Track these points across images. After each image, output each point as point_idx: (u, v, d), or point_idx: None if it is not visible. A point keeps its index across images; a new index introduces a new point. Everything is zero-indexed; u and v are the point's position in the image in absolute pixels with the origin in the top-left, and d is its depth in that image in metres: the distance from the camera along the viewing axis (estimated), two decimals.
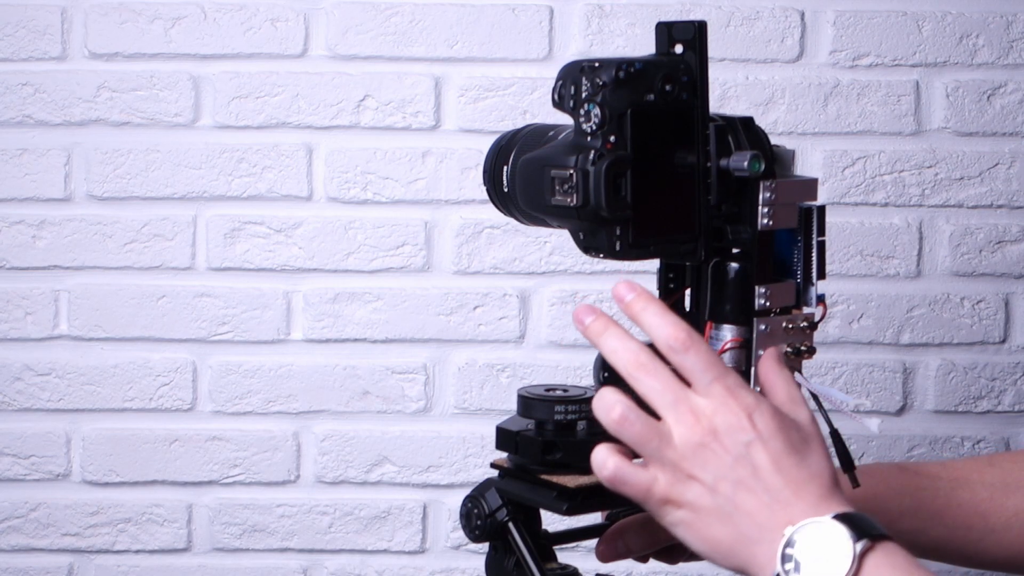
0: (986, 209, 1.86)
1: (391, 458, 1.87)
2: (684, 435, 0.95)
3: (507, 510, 1.08)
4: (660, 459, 0.96)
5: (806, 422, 0.99)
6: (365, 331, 1.86)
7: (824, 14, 1.83)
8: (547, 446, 1.05)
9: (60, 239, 1.84)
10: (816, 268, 1.06)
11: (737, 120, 1.04)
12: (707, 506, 0.95)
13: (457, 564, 1.88)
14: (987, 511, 1.19)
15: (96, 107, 1.83)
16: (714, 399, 0.96)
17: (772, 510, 0.94)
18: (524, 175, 1.05)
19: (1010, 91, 1.84)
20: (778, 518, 0.93)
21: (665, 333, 0.98)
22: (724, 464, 0.95)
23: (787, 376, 1.02)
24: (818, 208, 1.05)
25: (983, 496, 1.19)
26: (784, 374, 1.02)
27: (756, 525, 0.94)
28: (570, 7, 1.83)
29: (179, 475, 1.87)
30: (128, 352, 1.86)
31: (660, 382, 0.97)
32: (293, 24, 1.83)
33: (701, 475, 0.95)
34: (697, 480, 0.95)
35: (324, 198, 1.85)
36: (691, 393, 0.96)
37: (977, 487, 1.20)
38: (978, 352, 1.87)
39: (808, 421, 0.99)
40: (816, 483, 0.95)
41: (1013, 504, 1.19)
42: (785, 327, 1.05)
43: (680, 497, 0.96)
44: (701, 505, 0.95)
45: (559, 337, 1.86)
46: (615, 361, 0.98)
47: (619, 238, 1.01)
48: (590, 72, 1.00)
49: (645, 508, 0.98)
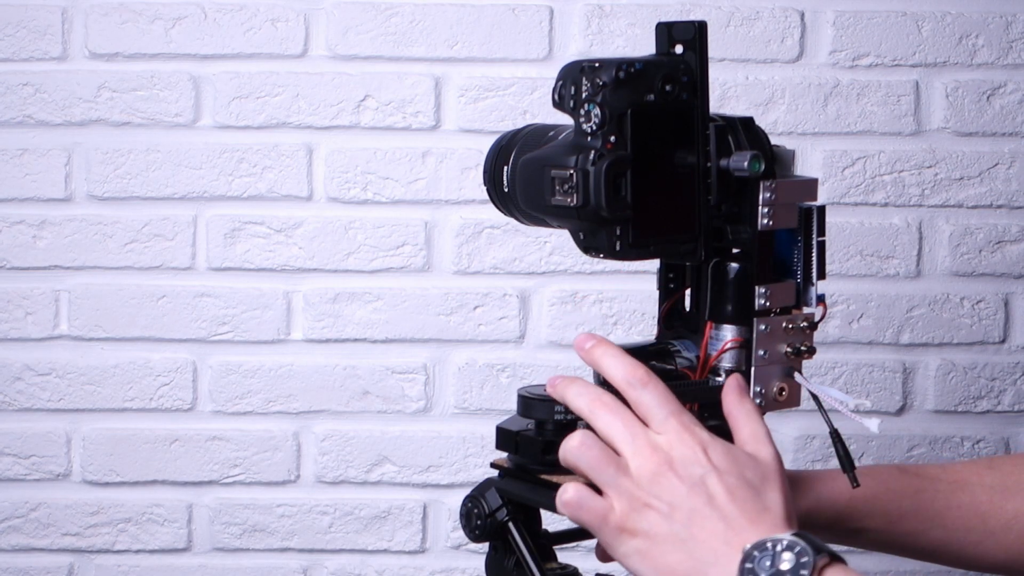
0: (986, 209, 1.86)
1: (391, 458, 1.87)
2: (641, 465, 0.97)
3: (507, 510, 1.09)
4: (616, 487, 0.97)
5: (767, 460, 1.00)
6: (365, 331, 1.86)
7: (824, 14, 1.84)
8: (547, 446, 1.05)
9: (60, 239, 1.84)
10: (816, 268, 1.06)
11: (737, 120, 1.04)
12: (662, 533, 0.96)
13: (457, 564, 1.88)
14: (987, 513, 1.19)
15: (96, 107, 1.83)
16: (670, 433, 0.98)
17: (727, 536, 0.95)
18: (524, 175, 1.05)
19: (1010, 91, 1.84)
20: (734, 543, 0.94)
21: (624, 372, 1.00)
22: (679, 493, 0.96)
23: (750, 410, 1.02)
24: (818, 208, 1.05)
25: (983, 499, 1.19)
26: (746, 407, 1.02)
27: (711, 550, 0.95)
28: (570, 7, 1.83)
29: (179, 475, 1.87)
30: (128, 352, 1.86)
31: (619, 419, 0.99)
32: (293, 24, 1.83)
33: (656, 503, 0.96)
34: (652, 508, 0.96)
35: (324, 198, 1.85)
36: (648, 430, 0.98)
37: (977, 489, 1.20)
38: (978, 352, 1.87)
39: (770, 459, 1.00)
40: (772, 515, 0.96)
41: (1013, 507, 1.19)
42: (785, 327, 1.06)
43: (635, 525, 0.97)
44: (656, 533, 0.96)
45: (559, 337, 1.86)
46: (578, 405, 1.01)
47: (619, 238, 1.01)
48: (590, 72, 1.00)
49: (600, 538, 0.99)
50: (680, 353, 1.08)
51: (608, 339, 1.03)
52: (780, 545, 0.92)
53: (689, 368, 1.07)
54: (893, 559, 1.88)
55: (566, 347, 1.86)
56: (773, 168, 1.05)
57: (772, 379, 1.06)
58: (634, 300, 1.86)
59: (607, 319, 1.86)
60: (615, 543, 0.98)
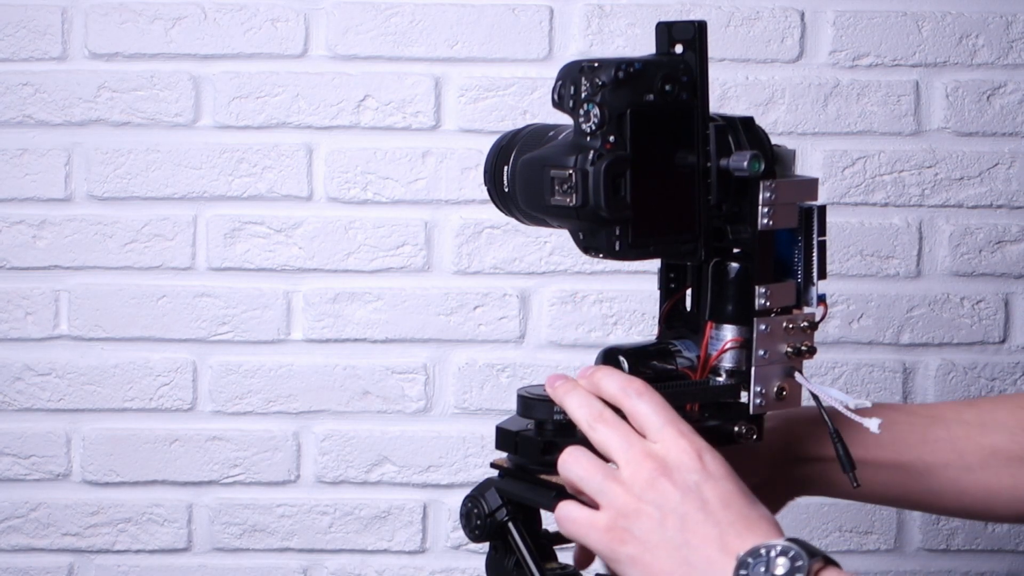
0: (986, 209, 1.86)
1: (391, 458, 1.87)
2: (634, 472, 0.97)
3: (507, 510, 1.08)
4: (606, 494, 0.97)
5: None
6: (365, 331, 1.86)
7: (824, 14, 1.83)
8: (546, 446, 1.05)
9: (60, 239, 1.84)
10: (817, 268, 1.06)
11: (737, 120, 1.04)
12: (655, 540, 0.95)
13: (457, 564, 1.88)
14: (964, 449, 1.17)
15: (96, 107, 1.83)
16: (666, 440, 0.98)
17: (722, 542, 0.94)
18: (524, 175, 1.05)
19: (1010, 91, 1.84)
20: (729, 549, 0.94)
21: (620, 383, 1.01)
22: (673, 498, 0.96)
23: None
24: (819, 208, 1.05)
25: (959, 433, 1.17)
26: None
27: (705, 557, 0.94)
28: (570, 7, 1.83)
29: (179, 475, 1.87)
30: (128, 352, 1.86)
31: (615, 431, 0.99)
32: (293, 24, 1.83)
33: (648, 509, 0.96)
34: (644, 514, 0.96)
35: (324, 198, 1.85)
36: (644, 440, 0.98)
37: (953, 425, 1.18)
38: (978, 352, 1.87)
39: None
40: (766, 522, 0.96)
41: (990, 442, 1.17)
42: (786, 327, 1.05)
43: (627, 532, 0.96)
44: (649, 539, 0.96)
45: (559, 337, 1.86)
46: (577, 417, 1.01)
47: (619, 238, 1.01)
48: (590, 72, 1.00)
49: (593, 549, 0.99)
50: (681, 353, 1.08)
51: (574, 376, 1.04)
52: (774, 551, 0.92)
53: (690, 368, 1.07)
54: (894, 559, 1.88)
55: (566, 347, 1.86)
56: (773, 168, 1.05)
57: (772, 379, 1.06)
58: (634, 300, 1.86)
59: (607, 319, 1.86)
60: (607, 551, 0.98)
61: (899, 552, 1.88)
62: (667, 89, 1.01)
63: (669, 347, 1.08)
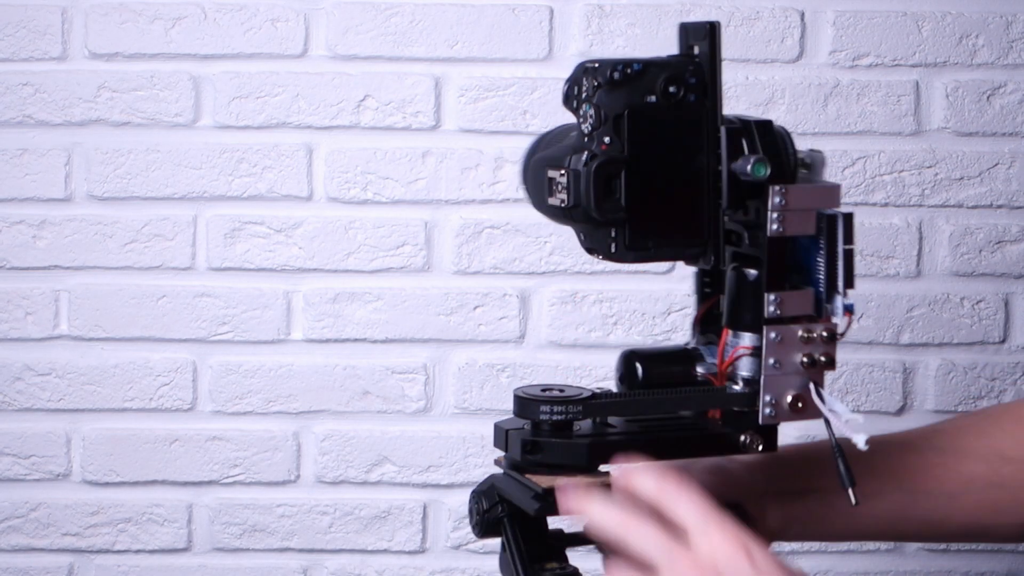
0: (986, 209, 1.86)
1: (391, 458, 1.87)
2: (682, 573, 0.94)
3: (502, 507, 1.08)
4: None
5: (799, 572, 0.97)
6: (365, 331, 1.86)
7: (824, 14, 1.83)
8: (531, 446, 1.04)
9: (60, 239, 1.84)
10: (843, 277, 1.02)
11: (753, 122, 1.02)
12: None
13: (457, 564, 1.88)
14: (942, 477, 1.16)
15: (96, 107, 1.83)
16: (711, 536, 0.95)
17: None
18: (533, 175, 1.05)
19: (1010, 91, 1.84)
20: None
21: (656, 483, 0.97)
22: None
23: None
24: (844, 215, 1.02)
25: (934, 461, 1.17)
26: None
27: None
28: (570, 7, 1.83)
29: (179, 475, 1.87)
30: (128, 352, 1.86)
31: (651, 532, 0.96)
32: (293, 24, 1.83)
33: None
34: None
35: (324, 198, 1.85)
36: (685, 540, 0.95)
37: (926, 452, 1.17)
38: (978, 352, 1.87)
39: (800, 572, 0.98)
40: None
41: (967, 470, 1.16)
42: (801, 336, 1.03)
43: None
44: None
45: (559, 337, 1.86)
46: (604, 526, 0.98)
47: (614, 240, 1.00)
48: (591, 72, 0.99)
49: None
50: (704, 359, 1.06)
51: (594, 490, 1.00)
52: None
53: (713, 375, 1.06)
54: (894, 559, 1.88)
55: (566, 347, 1.86)
56: (785, 172, 1.02)
57: (786, 389, 1.03)
58: (634, 300, 1.85)
59: (607, 319, 1.86)
60: None
61: (899, 552, 1.88)
62: (671, 91, 1.00)
63: (691, 352, 1.07)
